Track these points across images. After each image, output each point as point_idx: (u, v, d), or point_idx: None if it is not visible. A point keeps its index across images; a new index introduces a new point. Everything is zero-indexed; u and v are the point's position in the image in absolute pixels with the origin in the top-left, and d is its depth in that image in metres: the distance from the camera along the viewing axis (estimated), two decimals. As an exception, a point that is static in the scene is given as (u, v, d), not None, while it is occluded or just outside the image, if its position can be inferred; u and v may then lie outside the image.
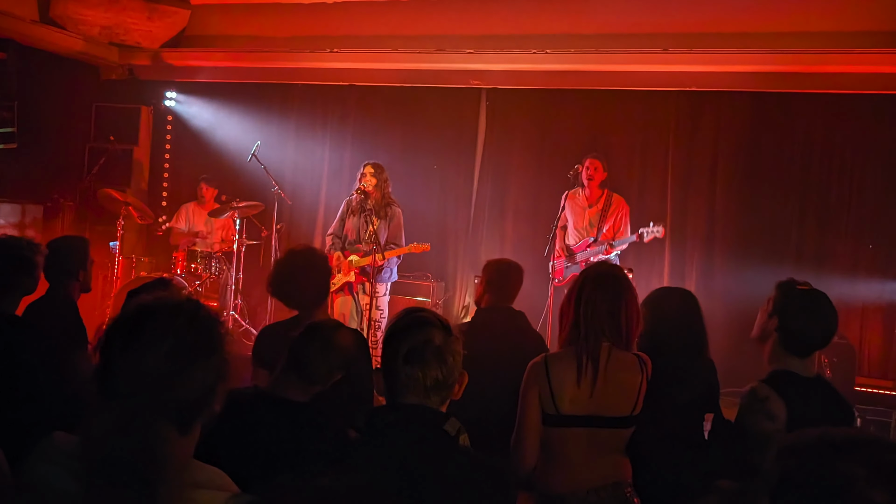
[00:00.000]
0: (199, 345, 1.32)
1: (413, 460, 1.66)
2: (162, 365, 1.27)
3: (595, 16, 7.04)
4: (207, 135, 8.72)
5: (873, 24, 6.33)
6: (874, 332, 6.57)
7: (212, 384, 1.33)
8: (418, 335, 1.72)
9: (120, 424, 1.22)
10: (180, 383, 1.29)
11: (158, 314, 1.32)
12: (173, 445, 1.25)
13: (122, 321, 1.33)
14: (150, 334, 1.29)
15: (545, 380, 2.43)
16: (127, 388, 1.26)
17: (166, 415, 1.26)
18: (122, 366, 1.28)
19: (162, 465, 1.21)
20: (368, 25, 7.69)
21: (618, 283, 2.49)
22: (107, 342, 1.32)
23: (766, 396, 2.38)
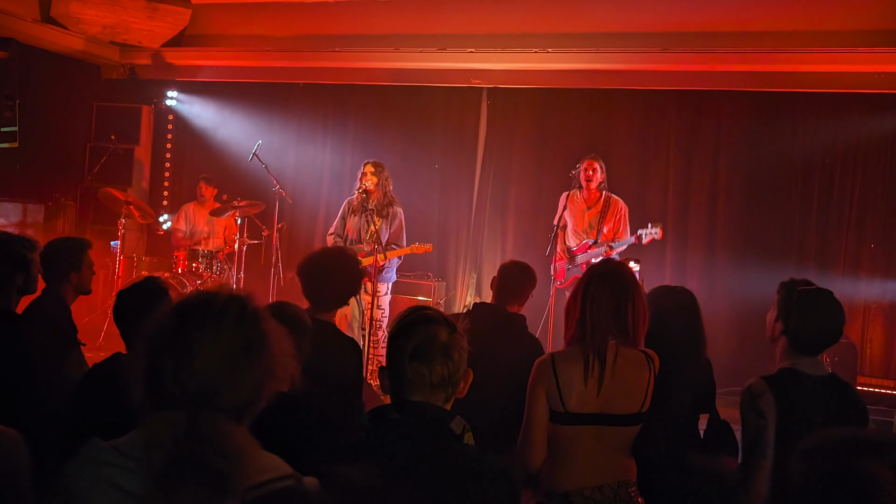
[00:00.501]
0: (250, 346, 1.32)
1: (418, 458, 1.65)
2: (216, 369, 1.28)
3: (596, 15, 7.05)
4: (208, 134, 8.72)
5: (873, 23, 6.34)
6: (876, 331, 6.57)
7: (263, 382, 1.34)
8: (424, 332, 1.71)
9: (186, 427, 1.23)
10: (235, 384, 1.30)
11: (208, 316, 1.32)
12: (240, 438, 1.27)
13: (167, 324, 1.32)
14: (202, 338, 1.29)
15: (552, 378, 2.43)
16: (181, 391, 1.27)
17: (226, 413, 1.28)
18: (174, 371, 1.28)
19: (235, 458, 1.23)
20: (369, 25, 7.70)
21: (624, 281, 2.49)
22: (154, 346, 1.31)
23: (759, 393, 2.42)
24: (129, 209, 7.21)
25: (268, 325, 1.37)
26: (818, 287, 2.54)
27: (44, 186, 8.19)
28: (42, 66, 7.98)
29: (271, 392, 1.36)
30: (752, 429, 2.42)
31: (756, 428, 2.40)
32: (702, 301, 7.05)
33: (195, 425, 1.24)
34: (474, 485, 1.66)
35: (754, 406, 2.41)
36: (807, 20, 6.47)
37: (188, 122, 8.84)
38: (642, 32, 6.90)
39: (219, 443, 1.23)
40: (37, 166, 8.06)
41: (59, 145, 8.42)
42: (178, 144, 8.95)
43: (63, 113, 8.44)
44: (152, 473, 1.22)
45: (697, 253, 7.06)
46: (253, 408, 1.35)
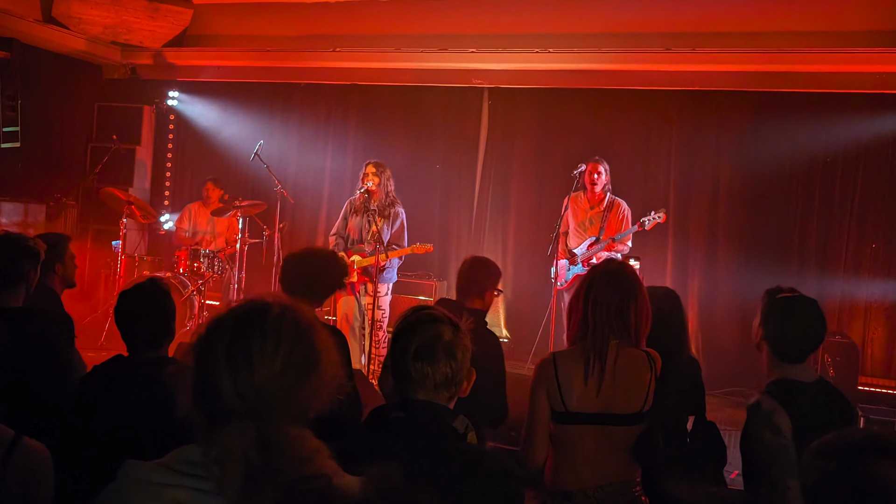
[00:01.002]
0: (307, 358, 1.31)
1: (422, 457, 1.66)
2: (276, 382, 1.26)
3: (597, 15, 7.05)
4: (210, 134, 8.73)
5: (874, 23, 6.34)
6: (877, 331, 6.56)
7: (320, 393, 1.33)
8: (428, 331, 1.72)
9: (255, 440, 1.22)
10: (294, 396, 1.29)
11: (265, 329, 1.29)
12: (308, 440, 1.27)
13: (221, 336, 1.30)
14: (261, 351, 1.27)
15: (553, 377, 2.44)
16: (241, 405, 1.25)
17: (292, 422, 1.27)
18: (234, 384, 1.25)
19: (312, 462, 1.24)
20: (371, 25, 7.70)
21: (627, 281, 2.49)
22: (208, 358, 1.28)
23: (771, 410, 2.33)
24: (130, 209, 7.22)
25: (320, 335, 1.36)
26: (799, 294, 2.51)
27: (45, 186, 8.19)
28: (44, 66, 7.99)
29: (325, 402, 1.35)
30: (772, 448, 2.31)
31: (777, 446, 2.30)
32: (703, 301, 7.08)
33: (266, 436, 1.22)
34: (477, 483, 1.66)
35: (770, 424, 2.31)
36: (807, 20, 6.47)
37: (189, 122, 8.84)
38: (643, 32, 6.90)
39: (293, 449, 1.23)
40: (38, 166, 8.07)
41: (60, 145, 8.43)
42: (180, 144, 8.96)
43: (65, 113, 8.45)
44: (231, 489, 1.20)
45: (698, 253, 7.07)
46: (309, 415, 1.34)
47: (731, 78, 6.80)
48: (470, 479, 1.66)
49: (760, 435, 2.35)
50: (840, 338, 6.04)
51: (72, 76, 8.44)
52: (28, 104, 7.64)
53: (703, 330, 6.91)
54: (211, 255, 7.21)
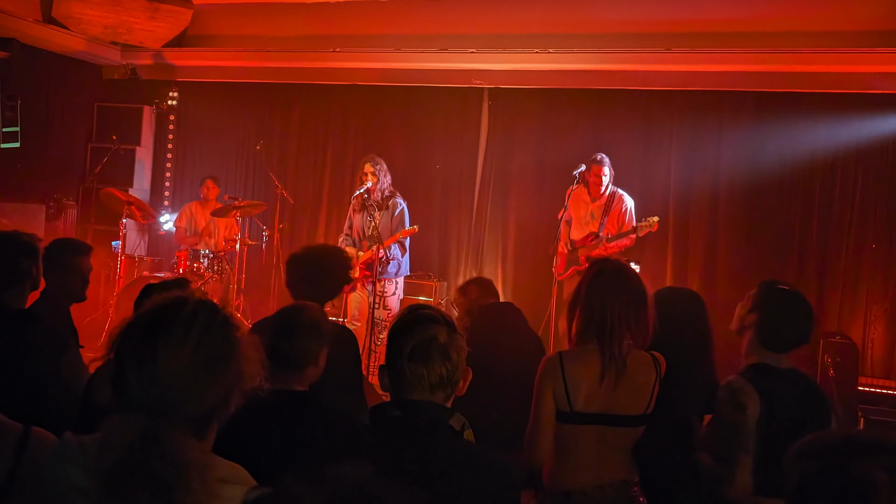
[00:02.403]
0: (216, 355, 1.31)
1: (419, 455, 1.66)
2: (180, 377, 1.27)
3: (598, 15, 7.04)
4: (210, 134, 8.72)
5: (874, 23, 6.33)
6: (877, 331, 6.55)
7: (228, 391, 1.33)
8: (423, 332, 1.72)
9: (140, 434, 1.22)
10: (198, 394, 1.28)
11: (175, 323, 1.30)
12: (193, 451, 1.25)
13: (136, 328, 1.31)
14: (167, 346, 1.28)
15: (560, 377, 2.42)
16: (144, 397, 1.26)
17: (185, 422, 1.26)
18: (138, 376, 1.27)
19: (183, 471, 1.22)
20: (371, 25, 7.70)
21: (638, 283, 2.50)
22: (121, 349, 1.30)
23: (739, 388, 2.43)
24: (130, 209, 7.22)
25: (236, 333, 1.35)
26: (796, 290, 2.61)
27: (45, 186, 8.19)
28: (43, 66, 7.99)
29: (238, 400, 1.34)
30: (727, 422, 2.43)
31: (734, 421, 2.40)
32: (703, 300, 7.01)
33: (150, 433, 1.22)
34: (474, 481, 1.66)
35: (734, 400, 2.42)
36: (807, 20, 6.46)
37: (190, 122, 8.84)
38: (643, 33, 6.89)
39: (170, 453, 1.22)
40: (38, 166, 8.07)
41: (60, 145, 8.42)
42: (180, 145, 8.96)
43: (64, 113, 8.45)
44: (101, 475, 1.22)
45: (698, 253, 7.06)
46: (218, 415, 1.33)
47: (731, 78, 6.79)
48: (467, 477, 1.65)
49: (722, 410, 2.45)
50: (840, 338, 6.03)
51: (72, 76, 8.43)
52: (28, 104, 7.64)
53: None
54: (211, 255, 7.21)
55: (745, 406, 2.39)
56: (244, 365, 1.35)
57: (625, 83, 7.20)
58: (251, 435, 2.00)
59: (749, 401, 2.39)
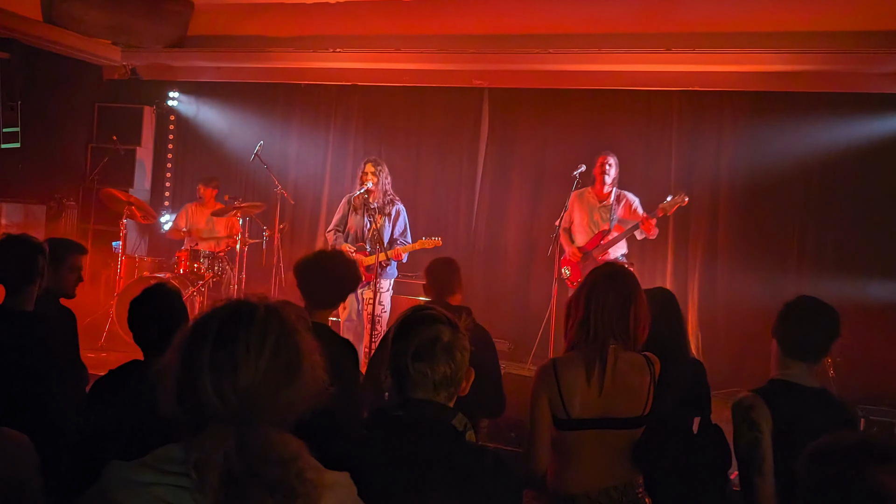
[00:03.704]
0: (294, 359, 1.31)
1: (421, 455, 1.66)
2: (260, 383, 1.26)
3: (597, 15, 7.05)
4: (210, 135, 8.73)
5: (874, 23, 6.33)
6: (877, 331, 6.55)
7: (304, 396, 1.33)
8: (427, 332, 1.72)
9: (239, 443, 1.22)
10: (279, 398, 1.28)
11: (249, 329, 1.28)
12: (290, 444, 1.26)
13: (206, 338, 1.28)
14: (244, 352, 1.26)
15: (555, 385, 2.42)
16: (224, 407, 1.25)
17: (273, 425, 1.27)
18: (215, 386, 1.25)
19: (293, 469, 1.23)
20: (371, 25, 7.70)
21: (627, 284, 2.50)
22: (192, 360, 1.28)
23: (749, 405, 2.41)
24: (130, 210, 7.22)
25: (303, 338, 1.35)
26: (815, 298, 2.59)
27: (46, 187, 8.19)
28: (44, 66, 7.98)
29: (309, 405, 1.34)
30: (744, 442, 2.40)
31: (749, 441, 2.38)
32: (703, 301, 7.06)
33: (245, 440, 1.22)
34: (476, 481, 1.66)
35: (747, 418, 2.40)
36: (807, 20, 6.47)
37: (190, 122, 8.84)
38: (643, 33, 6.90)
39: (273, 453, 1.23)
40: (39, 167, 8.07)
41: (60, 146, 8.42)
42: (180, 145, 8.96)
43: (65, 114, 8.45)
44: (210, 492, 1.21)
45: (698, 253, 7.07)
46: (292, 417, 1.33)
47: (731, 78, 6.80)
48: (469, 477, 1.66)
49: (737, 429, 2.44)
50: (841, 339, 6.02)
51: (72, 77, 8.43)
52: (28, 105, 7.63)
53: (703, 330, 6.90)
54: (211, 255, 7.21)
55: (756, 423, 2.38)
56: (314, 369, 1.35)
57: (625, 83, 7.21)
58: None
59: (760, 417, 2.38)
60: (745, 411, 2.41)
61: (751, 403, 2.41)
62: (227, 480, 1.21)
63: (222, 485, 1.21)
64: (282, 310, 1.35)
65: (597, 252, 6.16)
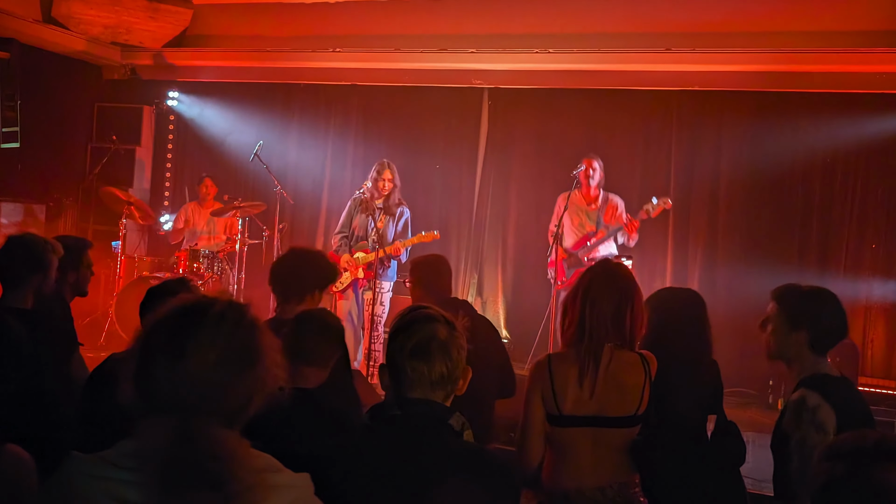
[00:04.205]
0: (246, 353, 1.31)
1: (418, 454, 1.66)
2: (209, 375, 1.26)
3: (598, 15, 7.05)
4: (210, 134, 8.72)
5: (874, 23, 6.34)
6: (877, 332, 6.56)
7: (254, 392, 1.33)
8: (423, 330, 1.72)
9: (181, 434, 1.22)
10: (226, 392, 1.28)
11: (205, 321, 1.30)
12: (233, 442, 1.26)
13: (163, 326, 1.31)
14: (196, 343, 1.27)
15: (548, 380, 2.43)
16: (173, 395, 1.25)
17: (219, 420, 1.27)
18: (168, 373, 1.26)
19: (229, 463, 1.23)
20: (371, 25, 7.70)
21: (624, 283, 2.49)
22: (148, 348, 1.30)
23: (816, 405, 2.25)
24: (130, 209, 7.22)
25: (263, 335, 1.36)
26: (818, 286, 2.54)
27: (45, 187, 8.19)
28: (43, 66, 7.98)
29: (260, 401, 1.35)
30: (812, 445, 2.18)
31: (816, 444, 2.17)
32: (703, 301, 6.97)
33: (187, 431, 1.22)
34: (474, 480, 1.66)
35: (814, 420, 2.22)
36: (808, 20, 6.47)
37: (189, 122, 8.84)
38: (643, 32, 6.90)
39: (212, 447, 1.22)
40: (38, 166, 8.07)
41: (60, 146, 8.42)
42: (180, 145, 8.96)
43: (64, 113, 8.45)
44: (150, 483, 1.21)
45: (698, 252, 7.06)
46: (243, 414, 1.33)
47: (731, 78, 6.79)
48: (466, 477, 1.65)
49: (806, 434, 2.23)
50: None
51: (72, 76, 8.43)
52: (28, 104, 7.63)
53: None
54: (210, 255, 7.21)
55: (824, 425, 2.23)
56: (270, 367, 1.35)
57: (625, 83, 7.20)
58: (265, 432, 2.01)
59: (827, 418, 2.23)
60: (810, 413, 2.24)
61: (817, 403, 2.25)
62: (167, 473, 1.21)
63: (161, 477, 1.21)
64: (241, 306, 1.36)
65: (582, 253, 6.19)
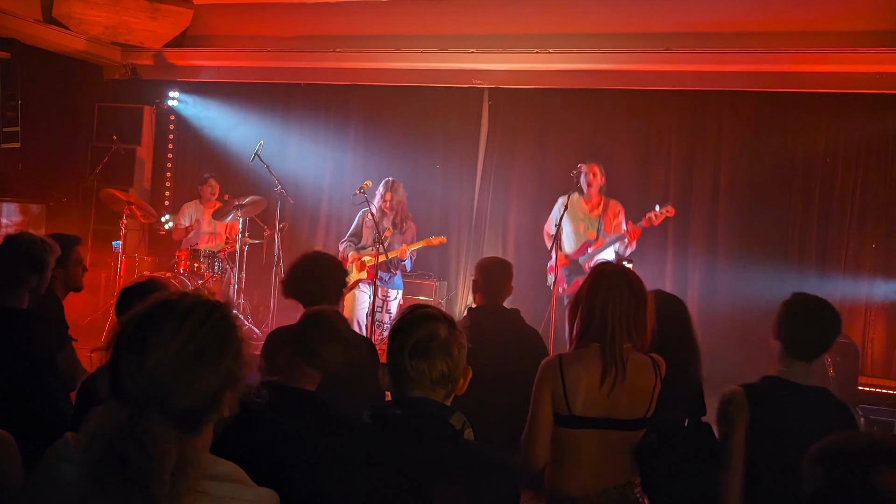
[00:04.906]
0: (208, 350, 1.30)
1: (418, 453, 1.66)
2: (166, 368, 1.26)
3: (597, 15, 7.05)
4: (210, 134, 8.73)
5: (874, 23, 6.34)
6: (878, 331, 6.56)
7: (219, 390, 1.31)
8: (424, 329, 1.72)
9: (119, 424, 1.22)
10: (184, 387, 1.27)
11: (169, 315, 1.30)
12: (172, 445, 1.23)
13: (133, 320, 1.32)
14: (157, 336, 1.28)
15: (559, 380, 2.39)
16: (132, 387, 1.26)
17: (168, 415, 1.25)
18: (128, 365, 1.27)
19: (157, 462, 1.20)
20: (371, 25, 7.70)
21: (638, 285, 2.47)
22: (117, 341, 1.31)
23: (727, 400, 2.43)
24: (130, 209, 7.22)
25: (234, 333, 1.35)
26: (814, 295, 2.58)
27: (46, 186, 8.20)
28: (44, 66, 7.99)
29: (232, 401, 1.33)
30: (720, 433, 2.43)
31: (723, 432, 2.40)
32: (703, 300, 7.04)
33: (128, 422, 1.22)
34: (474, 480, 1.66)
35: (724, 413, 2.42)
36: (807, 20, 6.47)
37: (190, 122, 8.85)
38: (643, 33, 6.90)
39: (144, 443, 1.21)
40: (39, 166, 8.08)
41: (60, 146, 8.43)
42: (180, 145, 8.97)
43: (65, 113, 8.46)
44: (89, 471, 1.22)
45: (698, 253, 7.06)
46: (209, 414, 1.32)
47: (731, 78, 6.79)
48: (467, 475, 1.66)
49: (717, 420, 2.47)
50: (840, 338, 6.01)
51: (72, 77, 8.44)
52: (28, 104, 7.64)
53: (703, 329, 6.84)
54: (211, 255, 7.21)
55: (730, 418, 2.41)
56: (238, 366, 1.34)
57: (625, 83, 7.20)
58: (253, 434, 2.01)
59: (735, 412, 2.39)
60: (723, 405, 2.43)
61: (729, 398, 2.43)
62: (97, 462, 1.21)
63: (96, 464, 1.21)
64: (211, 303, 1.36)
65: (583, 260, 6.18)
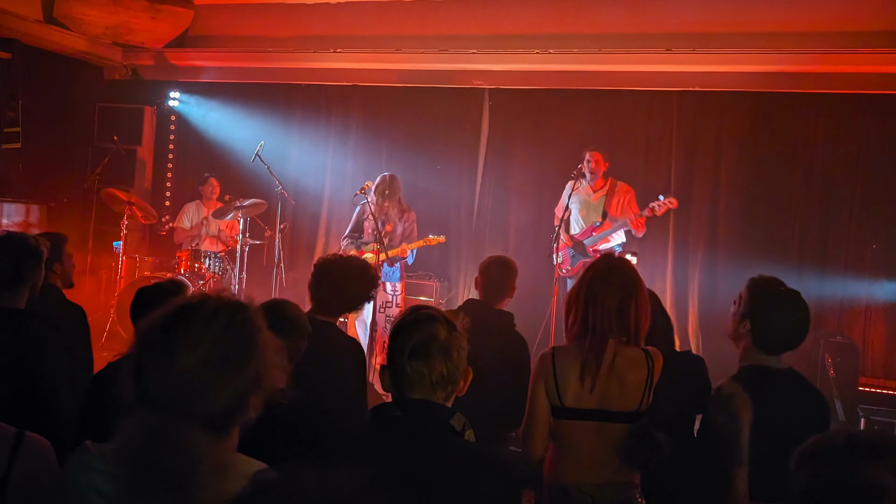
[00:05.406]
0: (234, 353, 1.30)
1: (419, 455, 1.66)
2: (193, 374, 1.26)
3: (598, 16, 7.05)
4: (211, 135, 8.73)
5: (874, 24, 6.34)
6: (878, 332, 6.56)
7: (246, 392, 1.31)
8: (423, 331, 1.72)
9: (153, 432, 1.22)
10: (213, 391, 1.27)
11: (194, 320, 1.30)
12: (207, 448, 1.24)
13: (157, 324, 1.31)
14: (184, 341, 1.27)
15: (551, 372, 2.46)
16: (158, 394, 1.25)
17: (198, 419, 1.25)
18: (153, 371, 1.27)
19: (195, 469, 1.21)
20: (372, 26, 7.71)
21: (627, 279, 2.49)
22: (142, 344, 1.30)
23: (730, 394, 2.38)
24: (131, 209, 7.23)
25: (259, 335, 1.34)
26: (788, 288, 2.55)
27: (46, 187, 8.20)
28: (45, 66, 8.00)
29: (258, 403, 1.33)
30: (726, 433, 2.35)
31: (731, 432, 2.34)
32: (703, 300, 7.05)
33: (160, 430, 1.22)
34: (475, 481, 1.66)
35: (727, 408, 2.35)
36: (809, 21, 6.47)
37: (190, 122, 8.85)
38: (644, 33, 6.90)
39: (180, 448, 1.22)
40: (39, 167, 8.08)
41: (61, 146, 8.43)
42: (181, 145, 8.97)
43: (66, 114, 8.46)
44: (121, 478, 1.22)
45: (699, 252, 7.06)
46: (237, 416, 1.32)
47: (732, 78, 6.80)
48: (467, 477, 1.66)
49: (715, 419, 2.41)
50: (840, 338, 6.03)
51: (73, 77, 8.44)
52: (29, 105, 7.65)
53: (703, 329, 6.90)
54: (212, 255, 7.22)
55: (737, 413, 2.34)
56: (265, 367, 1.33)
57: (625, 83, 7.21)
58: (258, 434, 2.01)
59: (742, 407, 2.34)
60: (725, 401, 2.37)
61: (732, 392, 2.37)
62: (135, 469, 1.21)
63: (129, 473, 1.21)
64: (236, 305, 1.35)
65: (589, 243, 6.23)
